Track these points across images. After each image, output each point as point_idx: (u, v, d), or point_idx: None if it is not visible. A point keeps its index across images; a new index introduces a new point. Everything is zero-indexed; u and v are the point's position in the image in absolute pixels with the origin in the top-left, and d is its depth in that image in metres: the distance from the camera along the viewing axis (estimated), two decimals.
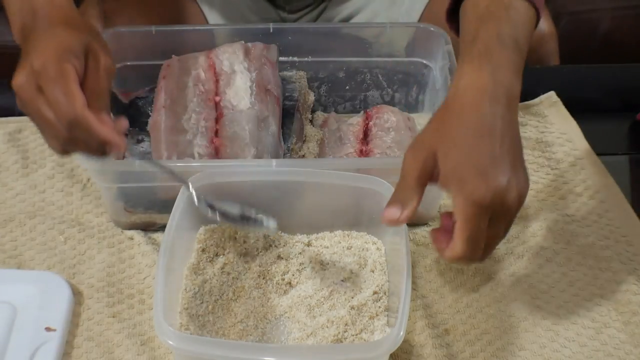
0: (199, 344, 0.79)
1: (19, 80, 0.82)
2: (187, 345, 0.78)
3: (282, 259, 0.94)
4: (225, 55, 1.03)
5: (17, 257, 0.97)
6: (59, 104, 0.79)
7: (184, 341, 0.78)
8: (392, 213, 0.79)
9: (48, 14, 0.85)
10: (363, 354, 0.78)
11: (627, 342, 0.90)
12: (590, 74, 1.24)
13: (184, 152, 0.96)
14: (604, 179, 1.08)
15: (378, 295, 0.89)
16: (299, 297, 0.91)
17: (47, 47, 0.81)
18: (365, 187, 0.91)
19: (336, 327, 0.86)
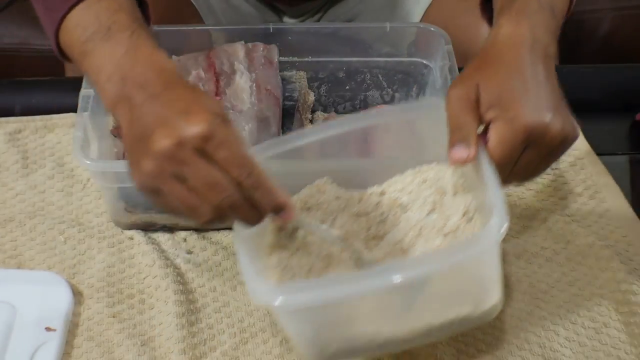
0: (318, 287, 0.71)
1: (167, 148, 0.70)
2: (304, 294, 0.70)
3: (361, 216, 0.89)
4: (225, 56, 1.03)
5: (17, 257, 0.97)
6: (236, 168, 0.71)
7: (299, 291, 0.71)
8: (460, 153, 0.77)
9: (167, 79, 0.75)
10: (477, 245, 0.75)
11: (627, 342, 0.90)
12: (590, 74, 1.24)
13: None
14: (604, 179, 1.07)
15: (469, 215, 0.85)
16: (390, 245, 0.86)
17: (202, 105, 0.71)
18: (420, 113, 0.88)
19: None
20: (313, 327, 0.78)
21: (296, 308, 0.73)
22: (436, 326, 0.80)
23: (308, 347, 0.80)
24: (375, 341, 0.79)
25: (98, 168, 0.93)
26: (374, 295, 0.76)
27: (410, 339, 0.81)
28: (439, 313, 0.79)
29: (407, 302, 0.78)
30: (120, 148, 1.04)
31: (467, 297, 0.80)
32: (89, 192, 1.05)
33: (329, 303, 0.73)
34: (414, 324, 0.80)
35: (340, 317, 0.77)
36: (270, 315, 0.91)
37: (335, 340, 0.79)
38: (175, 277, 0.94)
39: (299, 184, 0.88)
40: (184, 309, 0.91)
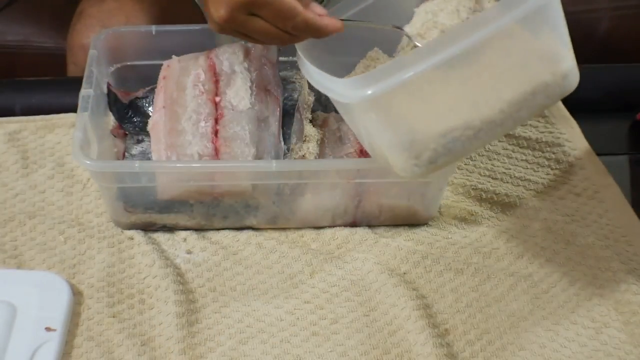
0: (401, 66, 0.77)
1: (223, 14, 0.85)
2: (391, 76, 0.77)
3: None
4: (225, 56, 1.03)
5: (17, 257, 0.97)
6: (284, 20, 0.84)
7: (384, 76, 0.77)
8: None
9: None
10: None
11: (627, 342, 0.90)
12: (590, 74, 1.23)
13: (184, 152, 0.96)
14: (604, 179, 1.08)
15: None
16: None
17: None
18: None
19: None
20: (407, 119, 0.81)
21: (386, 92, 0.78)
22: (521, 100, 0.81)
23: (405, 151, 0.81)
24: (469, 128, 0.81)
25: (98, 168, 0.93)
26: (451, 64, 0.78)
27: (502, 120, 0.82)
28: (519, 84, 0.81)
29: (482, 73, 0.80)
30: (120, 148, 1.04)
31: (541, 60, 0.81)
32: (89, 192, 1.05)
33: (418, 78, 0.77)
34: (499, 101, 0.81)
35: (428, 101, 0.80)
36: (269, 316, 0.91)
37: (431, 138, 0.81)
38: (175, 277, 0.94)
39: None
40: (183, 309, 0.91)
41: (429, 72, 0.78)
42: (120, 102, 1.05)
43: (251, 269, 0.97)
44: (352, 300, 0.94)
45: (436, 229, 1.02)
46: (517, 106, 0.82)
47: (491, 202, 1.05)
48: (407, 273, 0.97)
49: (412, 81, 0.78)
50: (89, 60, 1.03)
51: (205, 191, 0.96)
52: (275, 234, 1.01)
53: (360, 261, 0.97)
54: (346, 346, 0.89)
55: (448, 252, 0.99)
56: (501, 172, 1.09)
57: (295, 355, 0.88)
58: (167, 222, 0.99)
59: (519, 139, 1.13)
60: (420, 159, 0.83)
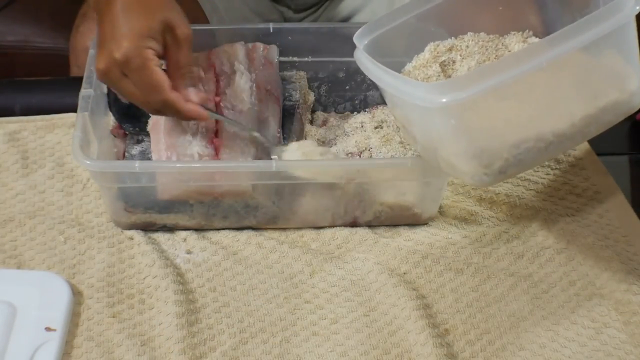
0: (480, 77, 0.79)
1: (102, 67, 0.88)
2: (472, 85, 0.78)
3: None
4: (225, 56, 1.03)
5: (17, 257, 0.97)
6: (147, 92, 0.88)
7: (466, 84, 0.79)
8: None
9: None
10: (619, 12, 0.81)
11: (627, 342, 0.90)
12: None
13: (184, 152, 0.96)
14: (604, 179, 1.08)
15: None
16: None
17: (125, 36, 0.86)
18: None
19: None
20: (484, 128, 0.82)
21: (469, 99, 0.78)
22: (591, 115, 0.83)
23: (476, 159, 0.82)
24: (541, 140, 0.83)
25: (98, 168, 0.93)
26: (531, 76, 0.79)
27: (572, 134, 0.84)
28: (591, 100, 0.83)
29: (559, 86, 0.82)
30: (120, 148, 1.04)
31: (612, 78, 0.84)
32: (89, 192, 1.05)
33: (499, 88, 0.79)
34: (571, 115, 0.83)
35: (505, 111, 0.82)
36: (269, 316, 0.91)
37: (504, 148, 0.82)
38: (175, 277, 0.94)
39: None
40: (183, 309, 0.91)
41: (510, 82, 0.79)
42: (120, 102, 1.05)
43: (251, 268, 0.97)
44: (352, 300, 0.94)
45: (436, 229, 1.02)
46: (587, 121, 0.84)
47: (491, 202, 1.05)
48: (407, 273, 0.97)
49: (494, 91, 0.79)
50: (89, 60, 1.03)
51: (205, 191, 0.96)
52: (275, 234, 1.01)
53: (360, 261, 0.97)
54: (346, 346, 0.89)
55: (448, 252, 0.99)
56: None
57: (295, 355, 0.88)
58: (167, 222, 0.99)
59: None
60: (491, 168, 0.84)
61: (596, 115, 0.84)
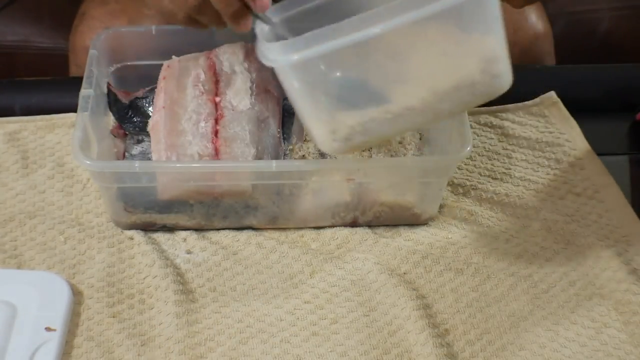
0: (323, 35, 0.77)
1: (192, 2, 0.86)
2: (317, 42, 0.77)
3: None
4: (225, 56, 1.03)
5: (17, 257, 0.97)
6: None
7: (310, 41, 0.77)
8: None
9: None
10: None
11: (627, 342, 0.90)
12: (590, 74, 1.24)
13: (184, 152, 0.96)
14: (604, 179, 1.08)
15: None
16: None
17: None
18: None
19: None
20: (327, 91, 0.80)
21: (310, 59, 0.77)
22: (443, 92, 0.81)
23: (323, 124, 0.82)
24: (388, 111, 0.81)
25: (98, 168, 0.93)
26: (375, 41, 0.77)
27: (422, 109, 0.82)
28: (444, 76, 0.81)
29: (407, 57, 0.80)
30: (120, 148, 1.04)
31: (470, 57, 0.81)
32: (89, 192, 1.05)
33: (342, 50, 0.77)
34: (420, 88, 0.81)
35: (346, 76, 0.80)
36: (269, 316, 0.91)
37: (349, 115, 0.81)
38: (175, 277, 0.94)
39: None
40: (183, 309, 0.91)
41: (351, 46, 0.77)
42: (120, 102, 1.05)
43: (251, 269, 0.97)
44: (352, 300, 0.94)
45: (436, 229, 1.02)
46: (439, 97, 0.82)
47: (491, 202, 1.05)
48: (407, 273, 0.97)
49: (336, 52, 0.77)
50: (88, 60, 1.03)
51: (205, 191, 0.96)
52: (275, 234, 1.01)
53: (360, 261, 0.97)
54: (346, 346, 0.89)
55: (448, 252, 0.99)
56: (501, 172, 1.09)
57: (295, 355, 0.88)
58: (167, 222, 0.99)
59: (519, 139, 1.13)
60: (338, 134, 0.83)
61: (449, 92, 0.82)
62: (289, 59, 0.78)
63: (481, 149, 1.12)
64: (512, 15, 1.27)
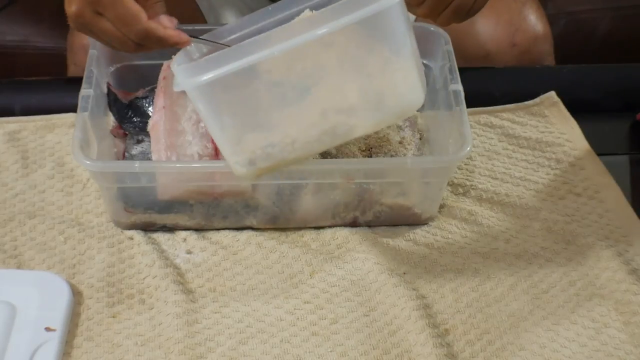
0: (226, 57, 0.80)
1: (74, 9, 0.87)
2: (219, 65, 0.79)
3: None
4: None
5: (17, 257, 0.97)
6: (124, 25, 0.86)
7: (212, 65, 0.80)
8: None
9: None
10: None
11: (627, 342, 0.90)
12: (590, 74, 1.24)
13: (184, 152, 0.96)
14: (604, 179, 1.08)
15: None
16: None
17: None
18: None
19: None
20: (228, 115, 0.82)
21: (211, 83, 0.80)
22: (346, 112, 0.83)
23: (228, 147, 0.84)
24: (287, 136, 0.83)
25: (98, 168, 0.93)
26: (280, 58, 0.79)
27: (318, 135, 0.84)
28: (340, 98, 0.82)
29: (302, 81, 0.81)
30: (120, 148, 1.04)
31: (370, 76, 0.82)
32: (89, 192, 1.05)
33: (239, 74, 0.79)
34: (314, 113, 0.83)
35: (249, 100, 0.81)
36: (269, 316, 0.91)
37: (250, 139, 0.83)
38: (175, 277, 0.94)
39: None
40: (183, 309, 0.91)
41: (243, 70, 0.79)
42: (120, 102, 1.05)
43: (251, 269, 0.97)
44: (352, 300, 0.94)
45: (436, 229, 1.02)
46: (339, 119, 0.84)
47: (491, 202, 1.05)
48: (407, 273, 0.97)
49: (230, 76, 0.80)
50: (88, 60, 1.03)
51: (205, 191, 0.96)
52: (275, 234, 1.01)
53: (360, 261, 0.97)
54: (346, 346, 0.89)
55: (448, 252, 0.99)
56: (501, 172, 1.09)
57: (295, 355, 0.88)
58: (167, 222, 0.99)
59: (519, 139, 1.13)
60: (241, 157, 0.85)
61: (353, 112, 0.84)
62: (192, 82, 0.80)
63: (481, 149, 1.12)
64: (511, 16, 1.27)
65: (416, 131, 1.06)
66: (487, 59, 1.27)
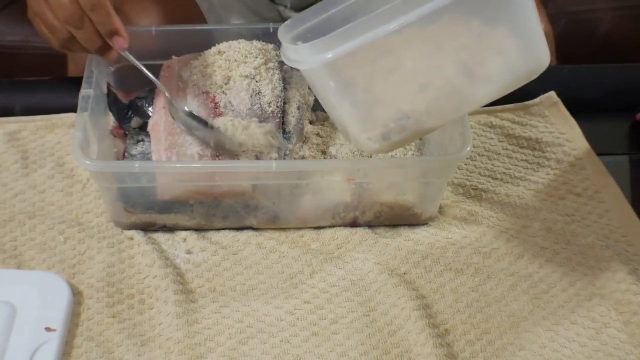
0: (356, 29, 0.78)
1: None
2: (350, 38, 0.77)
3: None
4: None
5: (17, 257, 0.97)
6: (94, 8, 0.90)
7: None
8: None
9: None
10: None
11: (627, 342, 0.90)
12: (590, 74, 1.24)
13: (184, 152, 0.96)
14: (604, 179, 1.08)
15: None
16: None
17: None
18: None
19: None
20: (362, 89, 0.80)
21: (345, 56, 0.77)
22: (482, 77, 0.82)
23: (358, 124, 0.82)
24: (420, 107, 0.81)
25: (98, 168, 0.93)
26: (408, 32, 0.77)
27: (459, 99, 0.83)
28: (467, 70, 0.81)
29: (437, 48, 0.80)
30: (120, 148, 1.04)
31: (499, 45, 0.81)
32: (89, 192, 1.05)
33: (374, 45, 0.77)
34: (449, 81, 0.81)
35: (383, 72, 0.79)
36: (269, 316, 0.91)
37: (384, 113, 0.81)
38: (175, 277, 0.94)
39: None
40: (183, 309, 0.91)
41: (384, 39, 0.77)
42: (120, 102, 1.05)
43: (251, 269, 0.97)
44: (352, 300, 0.94)
45: (436, 229, 1.02)
46: (475, 82, 0.83)
47: (491, 202, 1.05)
48: (407, 273, 0.97)
49: (368, 48, 0.77)
50: (88, 60, 1.03)
51: (205, 191, 0.96)
52: (275, 234, 1.01)
53: (360, 261, 0.97)
54: (346, 346, 0.89)
55: (448, 252, 0.99)
56: (501, 172, 1.09)
57: (295, 355, 0.88)
58: (167, 222, 0.99)
59: (519, 139, 1.13)
60: (374, 132, 0.83)
61: (488, 78, 0.83)
62: (322, 58, 0.77)
63: (481, 149, 1.12)
64: None
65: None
66: None
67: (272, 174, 0.94)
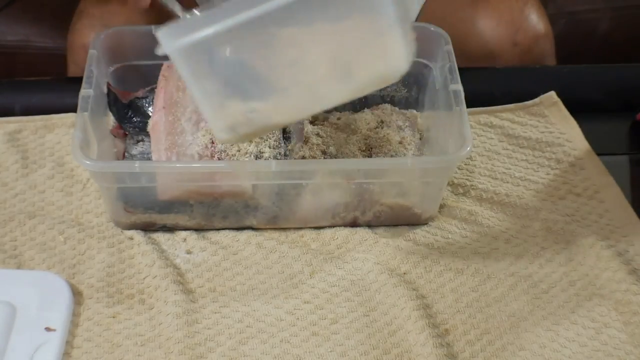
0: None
1: None
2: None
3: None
4: None
5: (17, 257, 0.97)
6: None
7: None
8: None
9: None
10: None
11: (627, 342, 0.90)
12: (590, 74, 1.24)
13: (184, 152, 0.96)
14: (604, 179, 1.08)
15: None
16: None
17: None
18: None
19: None
20: (212, 78, 0.79)
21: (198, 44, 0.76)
22: (338, 77, 0.80)
23: (210, 112, 0.81)
24: (270, 103, 0.81)
25: (98, 168, 0.93)
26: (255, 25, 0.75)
27: (308, 99, 0.82)
28: (321, 64, 0.79)
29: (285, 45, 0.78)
30: (120, 148, 1.04)
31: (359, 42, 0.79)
32: (89, 192, 1.05)
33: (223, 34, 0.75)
34: (303, 77, 0.80)
35: (233, 61, 0.78)
36: (269, 316, 0.91)
37: (232, 104, 0.80)
38: (175, 277, 0.94)
39: None
40: (183, 309, 0.91)
41: (232, 32, 0.76)
42: (120, 102, 1.05)
43: (251, 269, 0.97)
44: (352, 300, 0.94)
45: (436, 229, 1.02)
46: (313, 87, 0.82)
47: (491, 202, 1.05)
48: (407, 273, 0.97)
49: (223, 34, 0.76)
50: (88, 60, 1.03)
51: (205, 191, 0.96)
52: (275, 234, 1.01)
53: (360, 261, 0.97)
54: (346, 346, 0.89)
55: (448, 252, 0.99)
56: (501, 172, 1.09)
57: (295, 355, 0.88)
58: (167, 222, 0.99)
59: (519, 139, 1.13)
60: (223, 123, 0.83)
61: (343, 78, 0.81)
62: (176, 44, 0.76)
63: (481, 149, 1.12)
64: (513, 16, 1.27)
65: (416, 131, 1.07)
66: (489, 58, 1.27)
67: (272, 174, 0.94)
